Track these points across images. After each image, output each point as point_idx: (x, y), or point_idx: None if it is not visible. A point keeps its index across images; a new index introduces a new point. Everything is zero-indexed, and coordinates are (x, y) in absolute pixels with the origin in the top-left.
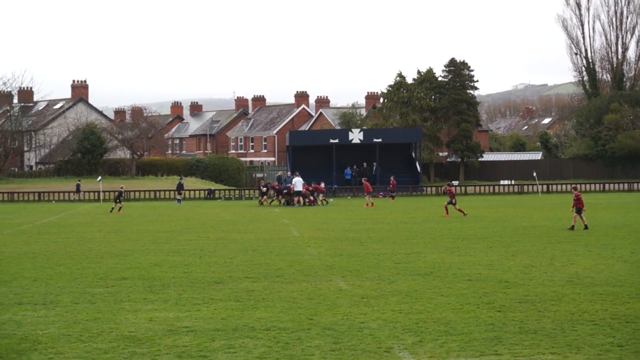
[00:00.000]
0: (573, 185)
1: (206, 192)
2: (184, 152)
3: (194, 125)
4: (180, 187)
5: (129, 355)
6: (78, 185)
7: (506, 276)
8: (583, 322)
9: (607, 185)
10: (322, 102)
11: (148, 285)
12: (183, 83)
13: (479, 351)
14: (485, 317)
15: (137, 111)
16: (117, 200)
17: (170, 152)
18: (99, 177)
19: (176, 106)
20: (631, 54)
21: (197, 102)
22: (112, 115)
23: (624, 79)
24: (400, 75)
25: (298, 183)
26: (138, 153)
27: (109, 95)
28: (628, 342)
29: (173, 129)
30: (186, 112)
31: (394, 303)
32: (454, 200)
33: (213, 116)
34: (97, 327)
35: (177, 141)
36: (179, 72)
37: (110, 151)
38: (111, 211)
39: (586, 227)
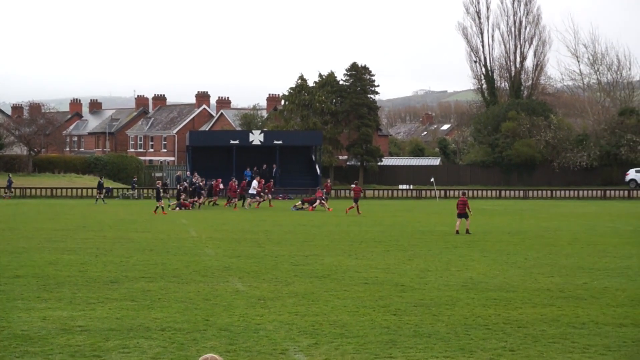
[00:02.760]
0: (462, 191)
1: (104, 190)
2: (83, 149)
3: (93, 123)
4: (100, 186)
5: (21, 354)
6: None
7: (402, 280)
8: (476, 327)
9: (503, 192)
10: (223, 102)
11: (42, 283)
12: (83, 80)
13: (373, 354)
14: (381, 320)
15: (35, 107)
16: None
17: (68, 149)
18: None
19: (75, 103)
20: (529, 63)
21: (96, 100)
22: (9, 111)
23: (522, 88)
24: (301, 78)
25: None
26: (35, 150)
27: (6, 90)
28: (520, 347)
29: (71, 126)
30: (85, 110)
31: (291, 305)
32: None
33: (113, 114)
34: None
35: (76, 139)
36: (79, 69)
37: (6, 147)
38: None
39: (467, 231)
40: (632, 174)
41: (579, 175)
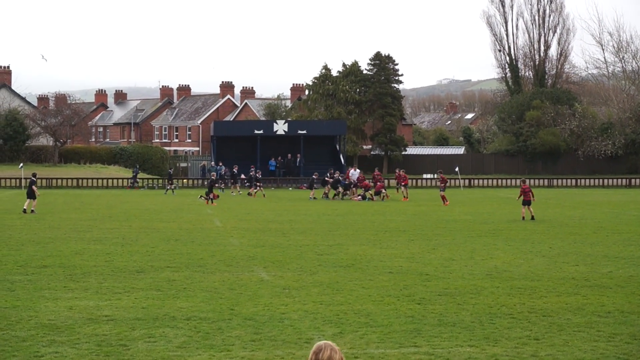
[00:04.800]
0: (523, 179)
1: (130, 180)
2: (108, 140)
3: (118, 114)
4: (170, 177)
5: (48, 344)
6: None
7: (426, 269)
8: (501, 316)
9: (527, 181)
10: (248, 92)
11: (69, 273)
12: (108, 71)
13: (398, 343)
14: (405, 310)
15: (60, 98)
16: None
17: (93, 140)
18: (21, 164)
19: (100, 94)
20: (553, 51)
21: (121, 91)
22: (35, 102)
23: (546, 77)
24: (325, 67)
25: (354, 175)
26: (61, 140)
27: (33, 81)
28: (544, 336)
29: (97, 117)
30: (110, 100)
31: (315, 294)
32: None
33: (138, 105)
34: (16, 315)
35: (101, 129)
36: (104, 60)
37: (32, 138)
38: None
39: (532, 217)
40: None
41: (603, 163)
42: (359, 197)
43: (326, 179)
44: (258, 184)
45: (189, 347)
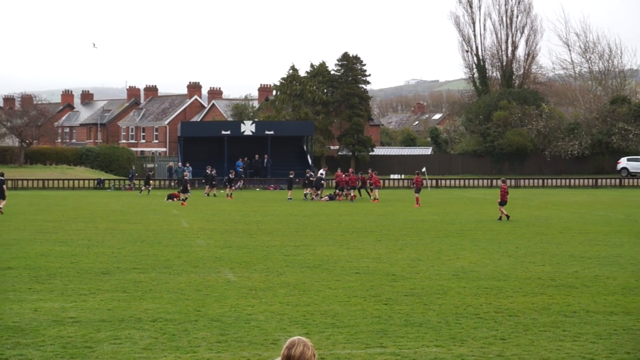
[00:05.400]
0: (502, 179)
1: (96, 181)
2: (74, 141)
3: (84, 114)
4: (148, 178)
5: (13, 346)
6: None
7: (393, 269)
8: (467, 316)
9: (494, 181)
10: (215, 93)
11: (34, 275)
12: (74, 71)
13: (364, 343)
14: (372, 310)
15: (26, 99)
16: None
17: (60, 140)
18: None
19: (67, 94)
20: (520, 52)
21: (88, 91)
22: (0, 103)
23: (513, 77)
24: (293, 68)
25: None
26: (27, 141)
27: None
28: (511, 336)
29: (63, 118)
30: (77, 101)
31: (282, 295)
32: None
33: (104, 105)
34: None
35: (67, 130)
36: (71, 61)
37: None
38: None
39: (507, 217)
40: (623, 162)
41: (570, 164)
42: (327, 197)
43: (310, 179)
44: (233, 185)
45: (154, 349)
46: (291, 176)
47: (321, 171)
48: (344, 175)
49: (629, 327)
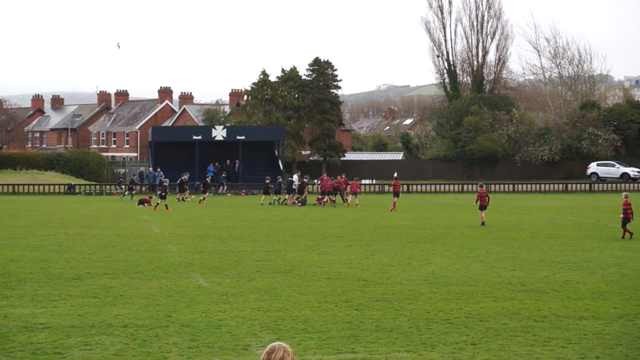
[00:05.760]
0: (480, 183)
1: (66, 186)
2: (45, 145)
3: (55, 119)
4: (132, 183)
5: None
6: None
7: (365, 275)
8: (438, 321)
9: (465, 186)
10: (186, 98)
11: (3, 281)
12: (45, 76)
13: (335, 349)
14: (343, 315)
15: None
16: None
17: (30, 145)
18: None
19: (37, 99)
20: (491, 57)
21: (58, 96)
22: None
23: (484, 82)
24: (264, 73)
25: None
26: None
27: None
28: (481, 341)
29: (33, 122)
30: (47, 106)
31: (253, 301)
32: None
33: (75, 110)
34: None
35: (38, 135)
36: (41, 65)
37: None
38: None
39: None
40: (593, 167)
41: (540, 169)
42: (299, 203)
43: (293, 186)
44: (208, 190)
45: (125, 355)
46: (267, 181)
47: (295, 177)
48: (330, 180)
49: (598, 332)
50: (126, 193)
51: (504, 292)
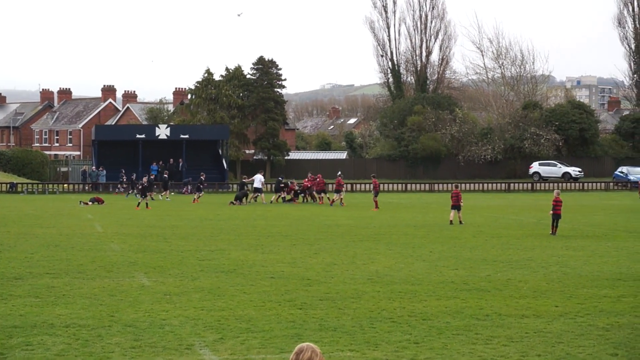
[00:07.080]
0: (455, 184)
1: (8, 185)
2: None
3: None
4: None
5: None
6: None
7: (308, 274)
8: (381, 320)
9: (409, 186)
10: (130, 96)
11: None
12: None
13: (279, 348)
14: (287, 315)
15: None
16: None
17: None
18: None
19: None
20: (434, 57)
21: (0, 94)
22: None
23: (427, 82)
24: (208, 72)
25: (257, 180)
26: None
27: None
28: (424, 339)
29: None
30: None
31: (197, 300)
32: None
33: (17, 108)
34: None
35: None
36: None
37: None
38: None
39: (456, 222)
40: (535, 166)
41: (483, 168)
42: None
43: (280, 185)
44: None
45: (67, 355)
46: (202, 178)
47: (259, 176)
48: (315, 179)
49: (540, 330)
50: (130, 191)
51: (446, 290)
